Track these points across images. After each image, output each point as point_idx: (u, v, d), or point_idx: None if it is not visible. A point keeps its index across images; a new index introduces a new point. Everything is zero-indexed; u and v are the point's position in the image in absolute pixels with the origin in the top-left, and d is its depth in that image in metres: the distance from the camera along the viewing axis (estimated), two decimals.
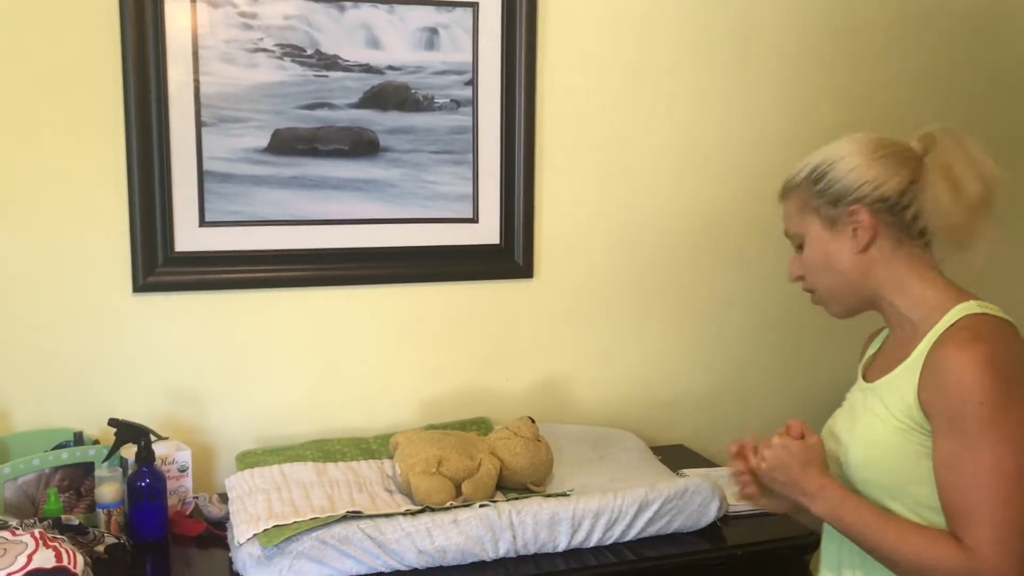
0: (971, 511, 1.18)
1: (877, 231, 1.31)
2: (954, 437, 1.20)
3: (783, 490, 1.33)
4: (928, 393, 1.23)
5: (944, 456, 1.21)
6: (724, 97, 2.19)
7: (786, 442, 1.32)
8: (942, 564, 1.19)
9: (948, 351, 1.22)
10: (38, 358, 1.80)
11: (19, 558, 1.31)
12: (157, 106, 1.79)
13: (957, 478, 1.20)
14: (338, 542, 1.52)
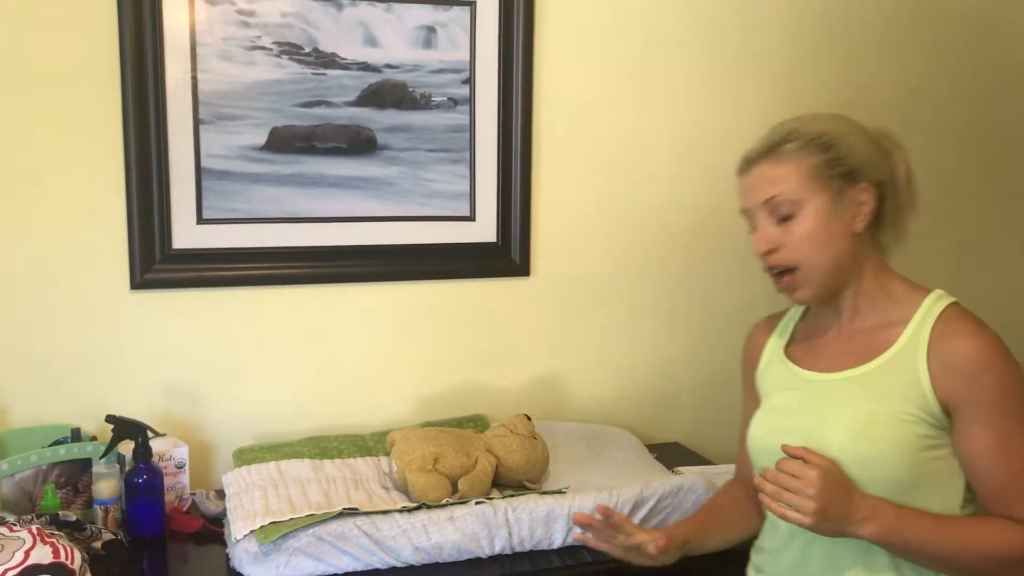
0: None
1: (872, 214, 1.30)
2: (1001, 423, 1.22)
3: (831, 527, 1.21)
4: (955, 387, 1.23)
5: (992, 443, 1.22)
6: (720, 94, 2.19)
7: (822, 472, 1.20)
8: (1017, 550, 1.20)
9: (967, 344, 1.23)
10: (36, 354, 1.81)
11: (16, 554, 1.32)
12: (155, 103, 1.79)
13: (1009, 460, 1.22)
14: (335, 539, 1.52)
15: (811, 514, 1.18)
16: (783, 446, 1.24)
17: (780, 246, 1.31)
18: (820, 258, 1.29)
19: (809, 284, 1.31)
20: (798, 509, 1.19)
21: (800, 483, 1.19)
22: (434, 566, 1.57)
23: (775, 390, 1.41)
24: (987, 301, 2.48)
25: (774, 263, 1.32)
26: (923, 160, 2.36)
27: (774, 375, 1.43)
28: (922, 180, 1.39)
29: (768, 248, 1.32)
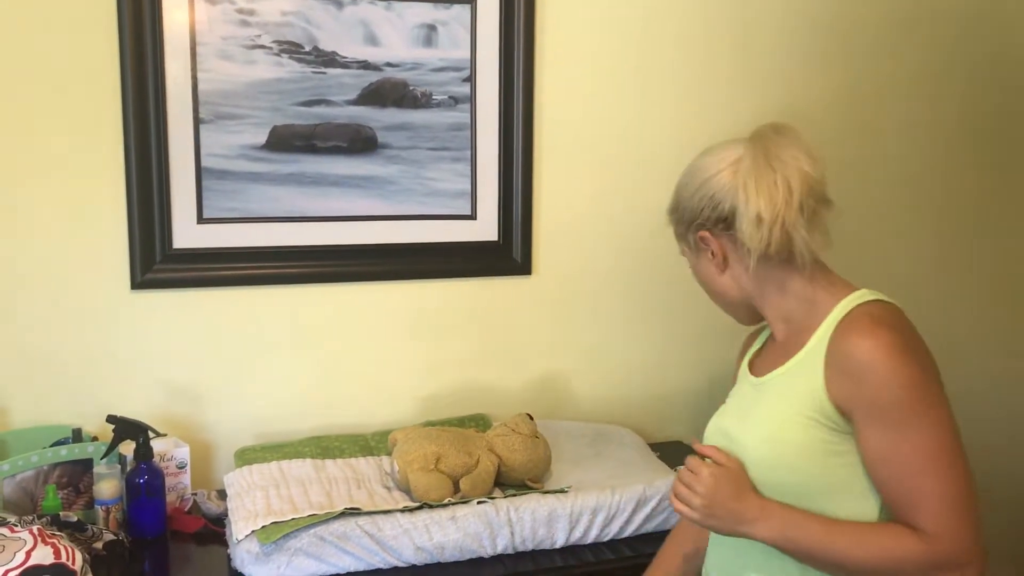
0: (919, 497, 1.17)
1: (725, 250, 1.32)
2: (882, 426, 1.17)
3: (719, 525, 1.26)
4: (841, 387, 1.20)
5: (877, 448, 1.19)
6: (723, 92, 2.19)
7: (715, 471, 1.26)
8: (906, 558, 1.17)
9: (853, 340, 1.19)
10: (37, 355, 1.80)
11: (17, 555, 1.32)
12: (155, 103, 1.79)
13: (896, 467, 1.18)
14: (336, 539, 1.52)
15: (696, 509, 1.26)
16: (693, 443, 1.33)
17: None
18: (714, 298, 1.41)
19: (730, 314, 1.42)
20: (687, 503, 1.27)
21: (693, 479, 1.27)
22: (436, 566, 1.57)
23: (732, 393, 1.44)
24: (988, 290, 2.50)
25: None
26: (917, 155, 2.38)
27: (739, 379, 1.45)
28: (917, 176, 1.38)
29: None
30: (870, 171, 2.36)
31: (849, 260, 1.59)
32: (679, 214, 1.37)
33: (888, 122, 2.36)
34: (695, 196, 1.32)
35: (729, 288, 1.36)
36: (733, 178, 1.28)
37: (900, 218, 2.41)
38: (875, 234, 2.38)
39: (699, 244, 1.35)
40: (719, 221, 1.30)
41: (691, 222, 1.34)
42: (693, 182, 1.34)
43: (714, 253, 1.33)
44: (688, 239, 1.37)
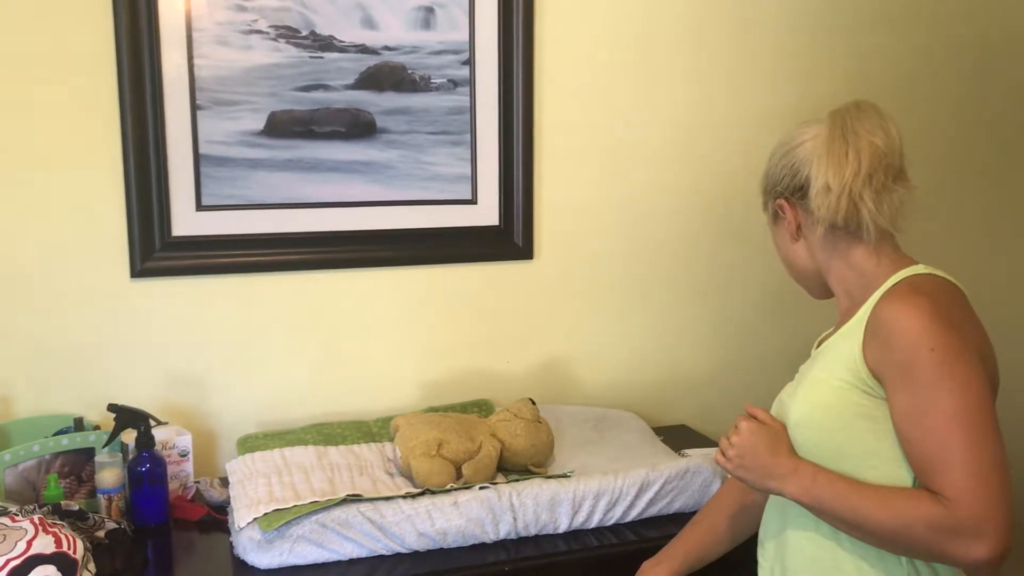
0: (941, 460, 1.17)
1: (799, 219, 1.38)
2: (910, 388, 1.19)
3: (752, 478, 1.33)
4: (875, 349, 1.23)
5: (905, 410, 1.20)
6: (726, 74, 2.17)
7: (753, 426, 1.33)
8: (924, 521, 1.17)
9: (889, 305, 1.24)
10: (38, 344, 1.80)
11: (19, 544, 1.31)
12: (152, 90, 1.78)
13: (921, 429, 1.19)
14: (338, 525, 1.52)
15: (729, 460, 1.33)
16: (745, 405, 1.38)
17: None
18: (789, 271, 1.46)
19: (803, 287, 1.46)
20: (723, 452, 1.35)
21: (732, 432, 1.34)
22: (439, 552, 1.57)
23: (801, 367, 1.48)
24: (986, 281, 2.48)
25: None
26: (921, 142, 2.36)
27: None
28: (921, 161, 1.36)
29: None
30: None
31: None
32: (764, 182, 1.43)
33: (894, 99, 2.32)
34: (778, 165, 1.39)
35: (800, 258, 1.41)
36: (812, 149, 1.33)
37: None
38: None
39: (777, 212, 1.40)
40: (796, 190, 1.36)
41: (771, 190, 1.41)
42: (779, 151, 1.40)
43: (789, 221, 1.39)
44: (768, 207, 1.43)
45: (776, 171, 1.39)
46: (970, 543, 1.14)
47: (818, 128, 1.34)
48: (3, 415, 1.78)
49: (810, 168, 1.33)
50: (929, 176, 2.38)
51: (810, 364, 1.39)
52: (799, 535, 1.35)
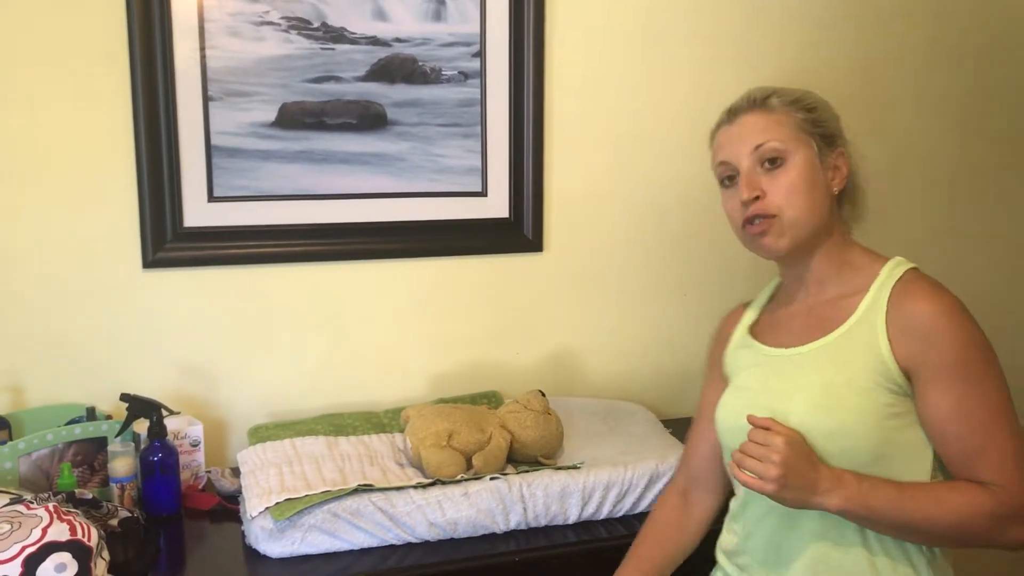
0: (990, 450, 1.20)
1: (845, 180, 1.34)
2: (958, 385, 1.20)
3: (793, 496, 1.19)
4: (910, 348, 1.22)
5: (951, 405, 1.21)
6: (736, 64, 2.17)
7: (790, 440, 1.19)
8: (983, 513, 1.19)
9: (922, 306, 1.22)
10: (50, 335, 1.81)
11: (34, 531, 1.32)
12: (164, 81, 1.78)
13: (964, 423, 1.21)
14: (350, 515, 1.52)
15: (773, 480, 1.18)
16: (748, 416, 1.24)
17: (765, 194, 1.30)
18: (804, 209, 1.29)
19: (786, 234, 1.30)
20: (761, 475, 1.19)
21: (765, 450, 1.19)
22: (449, 542, 1.58)
23: (741, 370, 1.41)
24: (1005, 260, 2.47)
25: (759, 210, 1.30)
26: (935, 123, 2.35)
27: (740, 356, 1.43)
28: (933, 145, 1.39)
29: (756, 194, 1.30)
30: (886, 140, 2.33)
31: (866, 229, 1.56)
32: (824, 122, 1.34)
33: (904, 90, 2.34)
34: (829, 115, 1.35)
35: (826, 207, 1.32)
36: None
37: (914, 185, 2.39)
38: (889, 203, 2.36)
39: (834, 161, 1.33)
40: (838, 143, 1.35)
41: (831, 136, 1.33)
42: (831, 108, 1.36)
43: (842, 174, 1.34)
44: (819, 146, 1.32)
45: (833, 121, 1.34)
46: (1013, 524, 1.19)
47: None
48: (16, 404, 1.80)
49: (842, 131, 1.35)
50: (947, 149, 2.39)
51: (790, 366, 1.31)
52: (825, 547, 1.28)
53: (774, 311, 1.44)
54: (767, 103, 1.33)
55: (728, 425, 1.37)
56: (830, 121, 1.34)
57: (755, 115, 1.33)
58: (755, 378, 1.37)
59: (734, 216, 1.35)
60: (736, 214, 1.34)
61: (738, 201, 1.32)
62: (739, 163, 1.33)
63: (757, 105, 1.33)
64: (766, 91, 1.35)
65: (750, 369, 1.39)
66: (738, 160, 1.33)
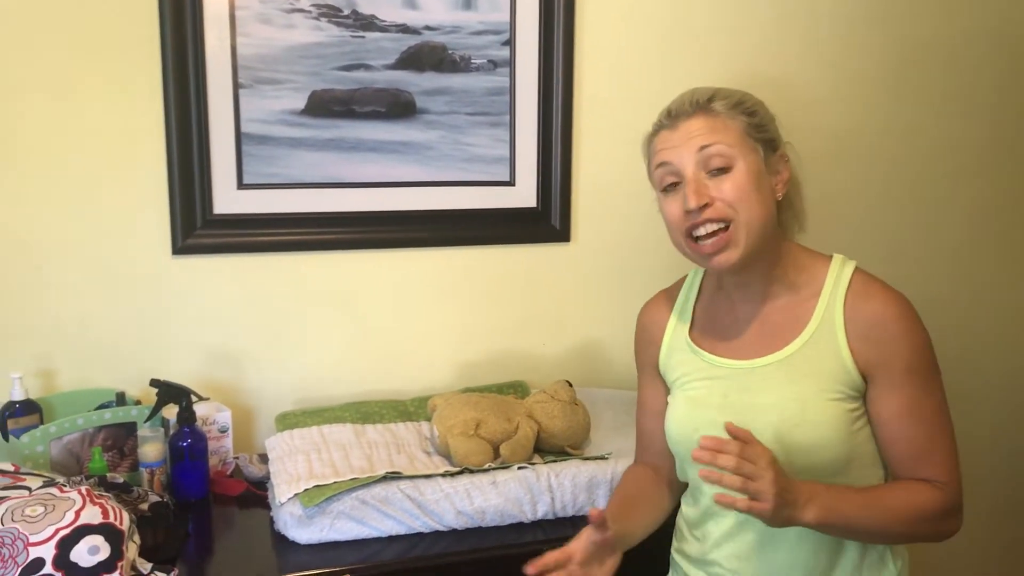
0: (935, 450, 1.25)
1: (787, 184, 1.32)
2: (910, 386, 1.23)
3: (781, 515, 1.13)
4: (869, 351, 1.23)
5: (900, 407, 1.24)
6: (765, 52, 2.15)
7: (770, 455, 1.13)
8: (933, 511, 1.23)
9: (880, 310, 1.24)
10: (81, 320, 1.82)
11: (67, 514, 1.33)
12: (194, 69, 1.78)
13: (918, 423, 1.24)
14: (378, 502, 1.53)
15: (770, 499, 1.10)
16: (727, 425, 1.15)
17: (713, 200, 1.25)
18: (754, 213, 1.24)
19: (739, 243, 1.25)
20: (756, 496, 1.11)
21: (753, 468, 1.11)
22: (476, 530, 1.58)
23: (688, 380, 1.37)
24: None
25: (711, 216, 1.25)
26: (960, 121, 2.33)
27: (682, 363, 1.39)
28: (960, 143, 1.33)
29: (704, 201, 1.24)
30: (916, 137, 2.31)
31: (894, 226, 1.55)
32: (765, 125, 1.30)
33: (935, 85, 2.31)
34: (768, 118, 1.32)
35: (772, 213, 1.28)
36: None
37: (941, 185, 2.36)
38: (917, 200, 2.34)
39: (776, 165, 1.30)
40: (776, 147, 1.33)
41: (772, 140, 1.31)
42: (767, 109, 1.33)
43: (784, 178, 1.31)
44: (762, 151, 1.28)
45: (771, 125, 1.31)
46: (956, 519, 1.26)
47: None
48: (47, 389, 1.81)
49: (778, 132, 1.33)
50: (972, 148, 2.37)
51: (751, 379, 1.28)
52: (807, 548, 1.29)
53: (711, 314, 1.39)
54: (710, 107, 1.28)
55: (685, 440, 1.33)
56: (770, 124, 1.31)
57: (699, 119, 1.27)
58: (712, 392, 1.33)
59: (676, 223, 1.29)
60: (678, 222, 1.28)
61: (681, 208, 1.27)
62: (683, 168, 1.27)
63: (700, 108, 1.28)
64: (708, 92, 1.30)
65: (702, 382, 1.35)
66: (682, 165, 1.27)
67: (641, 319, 1.50)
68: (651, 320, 1.47)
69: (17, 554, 1.28)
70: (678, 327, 1.42)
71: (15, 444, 1.62)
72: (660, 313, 1.46)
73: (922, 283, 2.22)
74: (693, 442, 1.22)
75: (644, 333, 1.48)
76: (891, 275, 1.34)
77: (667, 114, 1.32)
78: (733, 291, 1.36)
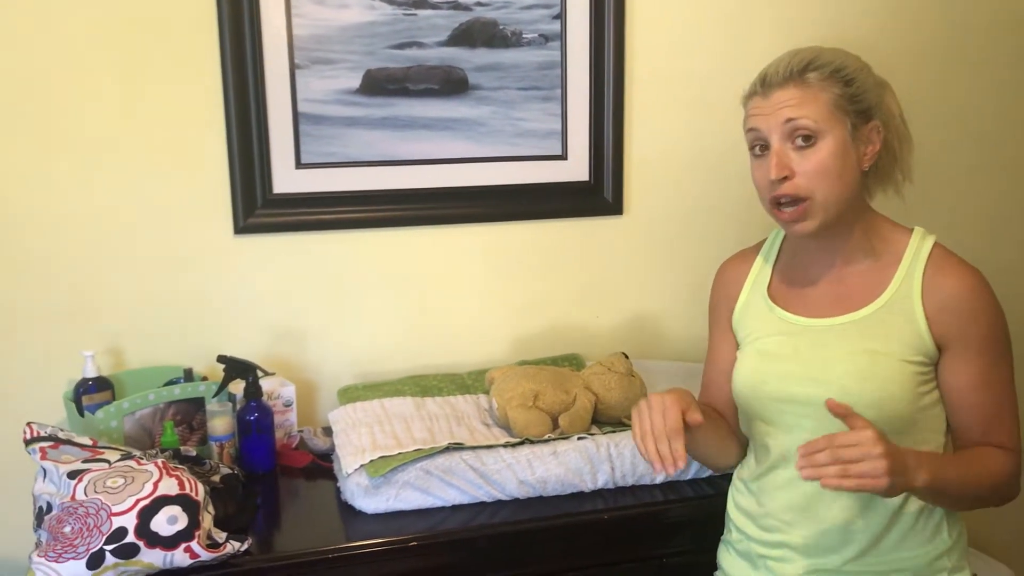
0: (1004, 417, 1.30)
1: (876, 154, 1.32)
2: (985, 358, 1.28)
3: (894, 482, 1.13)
4: (947, 323, 1.27)
5: (976, 375, 1.28)
6: (817, 26, 2.12)
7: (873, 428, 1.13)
8: (1008, 473, 1.30)
9: (957, 283, 1.28)
10: (148, 299, 1.87)
11: (146, 485, 1.38)
12: (252, 50, 1.81)
13: (988, 392, 1.29)
14: (442, 472, 1.56)
15: (884, 474, 1.11)
16: (828, 402, 1.17)
17: (795, 174, 1.28)
18: (834, 190, 1.28)
19: (817, 216, 1.29)
20: (870, 474, 1.11)
21: (862, 449, 1.12)
22: (538, 499, 1.61)
23: (762, 335, 1.40)
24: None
25: (787, 191, 1.29)
26: None
27: (756, 319, 1.42)
28: None
29: (785, 174, 1.28)
30: (984, 104, 2.27)
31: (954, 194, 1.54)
32: (861, 95, 1.29)
33: (999, 54, 2.27)
34: (868, 85, 1.31)
35: (855, 185, 1.31)
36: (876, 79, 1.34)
37: (1006, 153, 2.32)
38: (973, 170, 2.31)
39: (868, 135, 1.30)
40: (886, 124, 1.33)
41: (868, 110, 1.30)
42: (864, 70, 1.32)
43: (874, 148, 1.31)
44: (853, 123, 1.28)
45: (872, 93, 1.30)
46: (1018, 485, 1.32)
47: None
48: (117, 366, 1.87)
49: (882, 96, 1.33)
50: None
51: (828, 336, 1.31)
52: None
53: (790, 274, 1.42)
54: (804, 77, 1.28)
55: (754, 392, 1.38)
56: (868, 92, 1.30)
57: (790, 90, 1.29)
58: (784, 346, 1.36)
59: (762, 188, 1.34)
60: (764, 187, 1.33)
61: (766, 175, 1.31)
62: (769, 137, 1.30)
63: (793, 77, 1.29)
64: (803, 61, 1.29)
65: (775, 337, 1.38)
66: (768, 134, 1.30)
67: (719, 275, 1.54)
68: (730, 276, 1.51)
69: (101, 523, 1.34)
70: (756, 284, 1.45)
71: (90, 420, 1.68)
72: (739, 270, 1.49)
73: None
74: (764, 393, 1.34)
75: (721, 289, 1.52)
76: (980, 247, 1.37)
77: (761, 80, 1.34)
78: (813, 254, 1.39)
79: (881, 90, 1.34)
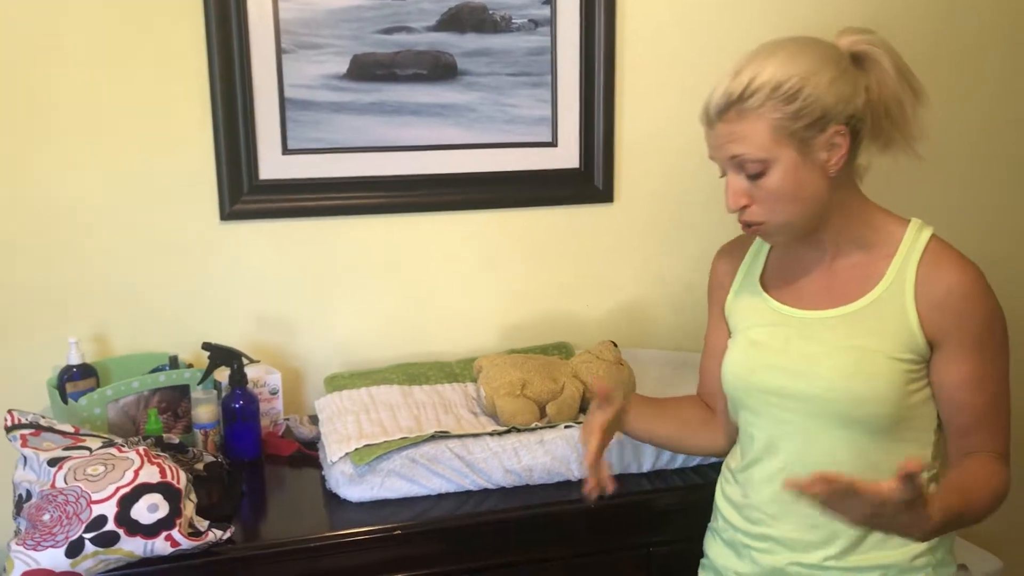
0: (995, 421, 1.26)
1: (847, 152, 1.24)
2: (980, 356, 1.24)
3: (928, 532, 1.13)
4: (939, 319, 1.23)
5: (968, 375, 1.24)
6: (809, 10, 2.10)
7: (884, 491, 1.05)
8: (1004, 483, 1.25)
9: (952, 278, 1.23)
10: (133, 286, 1.86)
11: (127, 473, 1.37)
12: (238, 35, 1.79)
13: (980, 392, 1.25)
14: (427, 461, 1.55)
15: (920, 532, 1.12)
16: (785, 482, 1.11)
17: (752, 201, 1.26)
18: (794, 210, 1.25)
19: (781, 233, 1.29)
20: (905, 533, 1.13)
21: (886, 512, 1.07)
22: (524, 488, 1.60)
23: (752, 325, 1.38)
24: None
25: (747, 219, 1.28)
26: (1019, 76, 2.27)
27: (748, 308, 1.40)
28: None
29: (742, 203, 1.27)
30: (982, 94, 2.26)
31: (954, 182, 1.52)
32: (808, 108, 1.20)
33: (990, 40, 2.25)
34: (832, 87, 1.21)
35: (822, 196, 1.24)
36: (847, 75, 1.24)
37: (1006, 143, 2.31)
38: (966, 159, 2.29)
39: (827, 142, 1.21)
40: (851, 117, 1.23)
41: (823, 118, 1.21)
42: (825, 71, 1.21)
43: (841, 153, 1.22)
44: (803, 138, 1.21)
45: (828, 96, 1.20)
46: (1008, 487, 1.26)
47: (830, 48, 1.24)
48: (102, 353, 1.85)
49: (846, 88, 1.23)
50: None
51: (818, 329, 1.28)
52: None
53: (783, 265, 1.39)
54: (741, 107, 1.22)
55: (743, 383, 1.35)
56: (819, 99, 1.20)
57: (730, 124, 1.23)
58: (775, 337, 1.34)
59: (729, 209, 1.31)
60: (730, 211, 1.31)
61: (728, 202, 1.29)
62: (723, 168, 1.29)
63: (730, 110, 1.23)
64: (740, 86, 1.22)
65: (765, 327, 1.35)
66: (722, 165, 1.29)
67: (715, 261, 1.51)
68: (724, 263, 1.48)
69: (81, 511, 1.32)
70: (749, 273, 1.43)
71: (73, 407, 1.67)
72: (733, 257, 1.47)
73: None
74: (751, 384, 1.32)
75: (715, 276, 1.50)
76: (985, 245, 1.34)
77: (704, 112, 1.29)
78: (804, 248, 1.35)
79: (846, 82, 1.22)
